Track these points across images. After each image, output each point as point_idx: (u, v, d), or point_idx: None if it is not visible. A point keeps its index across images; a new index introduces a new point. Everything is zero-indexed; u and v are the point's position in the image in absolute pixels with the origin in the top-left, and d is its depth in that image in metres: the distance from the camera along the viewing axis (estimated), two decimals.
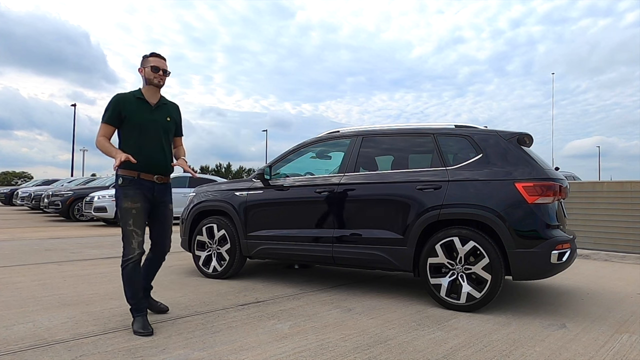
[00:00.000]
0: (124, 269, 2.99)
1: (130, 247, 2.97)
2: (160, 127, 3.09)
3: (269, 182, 4.62)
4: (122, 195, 3.00)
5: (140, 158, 2.97)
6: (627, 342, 2.92)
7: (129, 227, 2.96)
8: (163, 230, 3.22)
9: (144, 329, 2.89)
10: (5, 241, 8.07)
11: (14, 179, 68.40)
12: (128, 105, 3.03)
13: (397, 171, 4.08)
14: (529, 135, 3.88)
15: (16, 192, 21.60)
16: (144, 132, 3.03)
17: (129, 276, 2.99)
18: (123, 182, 3.01)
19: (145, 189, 3.03)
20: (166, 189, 3.19)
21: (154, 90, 3.13)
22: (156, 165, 3.07)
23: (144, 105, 3.08)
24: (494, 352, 2.69)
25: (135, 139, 3.02)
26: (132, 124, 3.02)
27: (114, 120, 3.03)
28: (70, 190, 13.93)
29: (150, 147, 3.04)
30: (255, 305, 3.73)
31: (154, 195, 3.09)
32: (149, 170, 3.04)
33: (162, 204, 3.16)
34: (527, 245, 3.45)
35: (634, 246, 7.23)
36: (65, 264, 5.66)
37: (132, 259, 2.97)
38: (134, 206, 2.98)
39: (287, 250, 4.42)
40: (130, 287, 3.00)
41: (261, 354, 2.60)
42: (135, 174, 3.01)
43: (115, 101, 3.03)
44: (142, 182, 3.02)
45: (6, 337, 2.81)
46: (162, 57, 3.14)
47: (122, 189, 3.01)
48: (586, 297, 4.20)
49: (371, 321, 3.30)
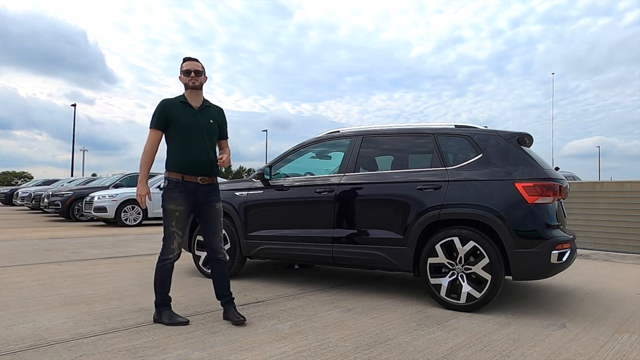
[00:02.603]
0: (161, 267, 3.12)
1: (170, 247, 3.08)
2: (204, 130, 3.15)
3: (269, 182, 4.62)
4: (166, 197, 3.10)
5: (184, 160, 3.09)
6: (627, 342, 2.92)
7: (171, 228, 3.07)
8: (209, 228, 3.24)
9: (180, 317, 3.12)
10: (5, 241, 8.07)
11: (14, 179, 68.42)
12: (172, 109, 3.13)
13: (397, 171, 4.08)
14: (529, 135, 3.88)
15: (16, 192, 21.63)
16: (187, 135, 3.10)
17: (163, 274, 3.12)
18: (168, 184, 3.11)
19: (189, 191, 3.10)
20: (211, 190, 3.21)
21: (195, 93, 3.20)
22: (200, 167, 3.13)
23: (187, 109, 3.15)
24: (494, 352, 2.69)
25: (179, 142, 3.12)
26: (176, 127, 3.11)
27: (161, 125, 3.13)
28: (70, 190, 13.93)
29: (194, 149, 3.11)
30: (255, 305, 3.73)
31: (199, 196, 3.14)
32: (192, 172, 3.11)
33: (207, 205, 3.19)
34: (527, 245, 3.45)
35: (634, 246, 7.22)
36: (65, 264, 5.66)
37: (170, 259, 3.11)
38: (177, 208, 3.07)
39: (287, 250, 4.42)
40: (162, 284, 3.14)
41: (261, 354, 2.60)
42: (179, 176, 3.09)
43: (161, 106, 3.15)
44: (186, 184, 3.09)
45: (6, 337, 2.81)
46: (193, 59, 3.20)
47: (167, 191, 3.11)
48: (586, 297, 4.20)
49: (371, 321, 3.30)
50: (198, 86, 3.18)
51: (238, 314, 3.20)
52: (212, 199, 3.21)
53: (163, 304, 3.16)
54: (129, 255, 6.56)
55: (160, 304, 3.15)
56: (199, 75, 3.16)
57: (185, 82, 3.16)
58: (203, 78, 3.21)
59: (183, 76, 3.16)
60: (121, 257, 6.29)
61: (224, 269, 3.29)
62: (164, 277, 3.14)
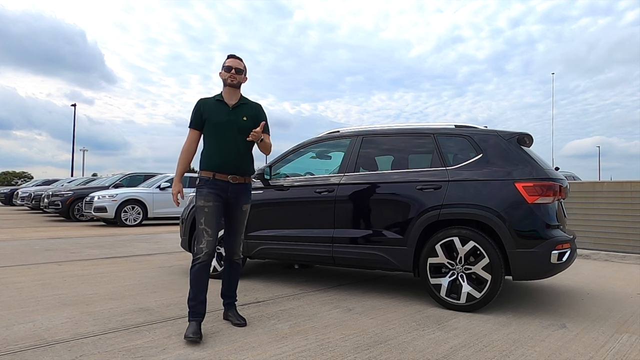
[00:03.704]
0: (191, 269, 2.97)
1: (199, 246, 2.96)
2: (235, 128, 3.09)
3: (269, 182, 4.63)
4: (197, 194, 3.06)
5: (214, 158, 3.07)
6: (627, 342, 2.92)
7: (200, 226, 2.99)
8: (232, 228, 3.21)
9: (194, 334, 2.78)
10: (5, 241, 8.07)
11: (14, 179, 68.40)
12: (207, 108, 3.12)
13: (397, 171, 4.08)
14: (529, 135, 3.88)
15: (16, 192, 21.62)
16: (219, 133, 3.08)
17: (193, 277, 2.95)
18: (200, 182, 3.10)
19: (219, 189, 3.06)
20: (242, 190, 3.16)
21: (232, 92, 3.17)
22: (230, 165, 3.09)
23: (222, 107, 3.13)
24: (494, 352, 2.69)
25: (211, 140, 3.10)
26: (209, 125, 3.09)
27: (197, 124, 3.13)
28: (70, 190, 13.92)
29: (225, 148, 3.08)
30: (255, 305, 3.73)
31: (229, 195, 3.10)
32: (223, 170, 3.07)
33: (235, 204, 3.15)
34: (527, 245, 3.45)
35: (634, 246, 7.23)
36: (65, 264, 5.66)
37: (200, 260, 2.94)
38: (206, 205, 3.01)
39: (287, 250, 4.42)
40: (193, 288, 2.94)
41: (261, 354, 2.60)
42: (210, 174, 3.07)
43: (197, 105, 3.16)
44: (217, 182, 3.06)
45: (6, 337, 2.81)
46: (238, 58, 3.18)
47: (198, 188, 3.09)
48: (586, 297, 4.20)
49: (371, 321, 3.30)
50: (236, 84, 3.14)
51: (239, 316, 3.20)
52: (241, 199, 3.16)
53: (193, 313, 2.91)
54: (129, 255, 6.56)
55: (190, 312, 2.92)
56: (239, 73, 3.13)
57: (225, 79, 3.13)
58: (243, 77, 3.18)
59: (224, 72, 3.13)
60: (121, 257, 6.29)
61: (237, 272, 3.27)
62: (194, 281, 2.94)
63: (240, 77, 3.15)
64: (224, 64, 3.16)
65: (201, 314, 2.93)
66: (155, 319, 3.26)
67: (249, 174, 3.21)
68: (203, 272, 2.95)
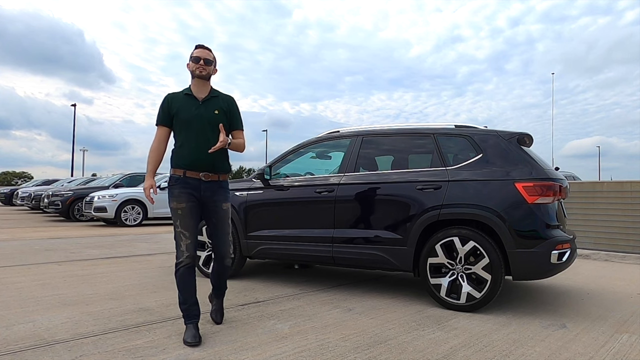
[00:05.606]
0: (175, 274, 2.88)
1: (179, 250, 2.85)
2: (206, 122, 2.92)
3: (269, 182, 4.62)
4: (169, 195, 2.91)
5: (185, 155, 2.91)
6: (627, 342, 2.92)
7: (177, 229, 2.87)
8: (214, 230, 3.05)
9: (193, 339, 2.72)
10: (5, 241, 8.07)
11: (14, 179, 68.40)
12: (176, 103, 2.96)
13: (397, 171, 4.08)
14: (529, 135, 3.88)
15: (16, 192, 21.61)
16: (189, 129, 2.91)
17: (179, 281, 2.87)
18: (170, 181, 2.96)
19: (191, 188, 2.91)
20: (215, 188, 2.99)
21: (201, 84, 3.00)
22: (201, 162, 2.91)
23: (191, 101, 2.96)
24: (494, 352, 2.69)
25: (182, 137, 2.93)
26: (178, 121, 2.93)
27: (165, 120, 2.97)
28: (70, 190, 13.93)
29: (195, 144, 2.90)
30: (255, 305, 3.73)
31: (202, 194, 2.94)
32: (194, 167, 2.91)
33: (211, 204, 2.98)
34: (527, 245, 3.45)
35: (634, 246, 7.22)
36: (65, 264, 5.66)
37: (183, 264, 2.84)
38: (179, 206, 2.87)
39: (287, 250, 4.42)
40: (181, 293, 2.87)
41: (261, 354, 2.60)
42: (181, 172, 2.91)
43: (164, 101, 3.00)
44: (187, 180, 2.90)
45: (6, 337, 2.81)
46: (206, 48, 3.02)
47: (170, 188, 2.94)
48: (586, 297, 4.20)
49: (371, 321, 3.30)
50: (205, 76, 2.97)
51: (221, 312, 3.23)
52: (217, 198, 2.98)
53: (187, 316, 2.85)
54: (129, 255, 6.56)
55: (184, 315, 2.87)
56: (208, 64, 2.97)
57: (192, 70, 2.96)
58: (212, 69, 3.02)
59: (192, 63, 2.96)
60: (121, 257, 6.29)
61: (227, 271, 3.17)
62: (180, 285, 2.87)
63: (210, 68, 2.99)
64: (192, 54, 2.99)
65: (195, 315, 2.88)
66: (155, 319, 3.26)
67: (223, 171, 3.04)
68: (188, 275, 2.87)
